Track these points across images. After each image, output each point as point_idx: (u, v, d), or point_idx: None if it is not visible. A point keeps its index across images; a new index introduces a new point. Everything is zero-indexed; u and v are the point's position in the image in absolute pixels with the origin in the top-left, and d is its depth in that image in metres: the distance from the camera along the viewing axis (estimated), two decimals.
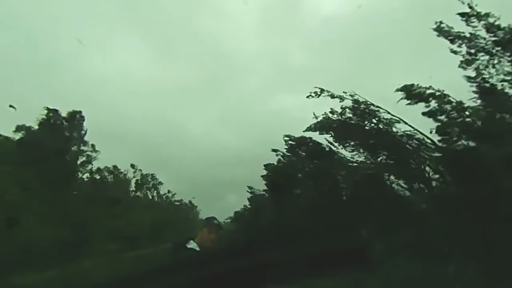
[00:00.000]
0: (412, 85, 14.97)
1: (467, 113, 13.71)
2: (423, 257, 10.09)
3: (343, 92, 17.27)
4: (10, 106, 24.40)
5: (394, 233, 13.16)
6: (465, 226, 10.62)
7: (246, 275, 0.98)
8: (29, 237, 18.57)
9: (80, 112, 32.63)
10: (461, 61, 13.30)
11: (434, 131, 14.45)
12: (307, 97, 18.05)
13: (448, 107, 14.15)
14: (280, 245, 1.05)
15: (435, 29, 13.85)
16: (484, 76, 12.93)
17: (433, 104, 14.45)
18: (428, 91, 14.61)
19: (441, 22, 13.75)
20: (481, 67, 13.05)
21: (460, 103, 13.96)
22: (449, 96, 14.34)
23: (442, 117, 14.20)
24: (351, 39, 79.20)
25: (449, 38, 13.47)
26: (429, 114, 14.53)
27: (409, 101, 15.04)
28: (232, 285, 0.99)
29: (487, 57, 12.94)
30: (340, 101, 17.52)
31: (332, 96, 17.48)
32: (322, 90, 17.65)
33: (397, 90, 15.26)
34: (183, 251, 2.80)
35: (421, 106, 14.83)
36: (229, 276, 0.97)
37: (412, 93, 14.89)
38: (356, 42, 76.54)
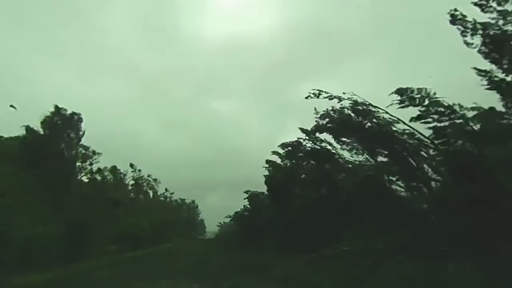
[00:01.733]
0: (407, 89, 14.81)
1: (460, 113, 13.57)
2: (423, 257, 10.10)
3: (342, 93, 17.23)
4: (11, 106, 24.27)
5: (394, 233, 13.18)
6: (465, 225, 10.63)
7: None
8: (29, 238, 18.55)
9: (79, 114, 32.69)
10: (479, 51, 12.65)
11: (432, 135, 14.39)
12: (306, 98, 17.99)
13: (438, 109, 13.98)
14: None
15: (450, 17, 13.20)
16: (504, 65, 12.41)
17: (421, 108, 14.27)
18: (419, 95, 14.42)
19: (455, 10, 12.78)
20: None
21: (450, 107, 13.87)
22: (437, 98, 14.08)
23: (431, 120, 14.11)
24: None
25: (464, 27, 12.82)
26: (417, 118, 14.49)
27: (401, 105, 14.88)
28: None
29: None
30: (338, 102, 17.41)
31: (331, 98, 17.42)
32: (320, 92, 17.63)
33: (392, 93, 15.12)
34: None
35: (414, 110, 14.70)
36: None
37: (405, 96, 14.74)
38: None
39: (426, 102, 14.16)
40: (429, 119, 14.11)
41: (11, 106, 23.89)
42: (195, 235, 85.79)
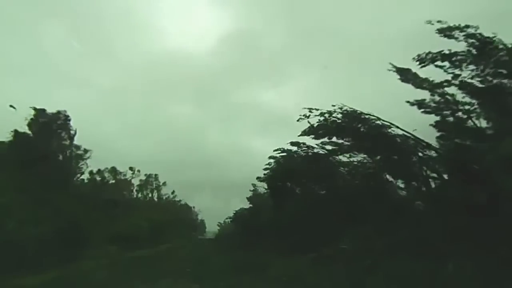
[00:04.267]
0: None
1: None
2: (422, 256, 10.10)
3: (332, 105, 16.74)
4: (11, 106, 24.18)
5: (394, 233, 13.19)
6: (464, 225, 10.64)
7: None
8: (27, 239, 18.49)
9: (65, 111, 30.76)
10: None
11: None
12: (297, 120, 17.34)
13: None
14: None
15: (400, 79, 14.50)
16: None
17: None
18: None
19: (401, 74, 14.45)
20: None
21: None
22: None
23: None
24: None
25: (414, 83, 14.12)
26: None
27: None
28: None
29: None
30: (328, 116, 17.01)
31: (322, 114, 16.96)
32: (310, 110, 17.02)
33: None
34: None
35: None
36: None
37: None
38: None
39: None
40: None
41: (11, 106, 23.86)
42: (195, 235, 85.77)
